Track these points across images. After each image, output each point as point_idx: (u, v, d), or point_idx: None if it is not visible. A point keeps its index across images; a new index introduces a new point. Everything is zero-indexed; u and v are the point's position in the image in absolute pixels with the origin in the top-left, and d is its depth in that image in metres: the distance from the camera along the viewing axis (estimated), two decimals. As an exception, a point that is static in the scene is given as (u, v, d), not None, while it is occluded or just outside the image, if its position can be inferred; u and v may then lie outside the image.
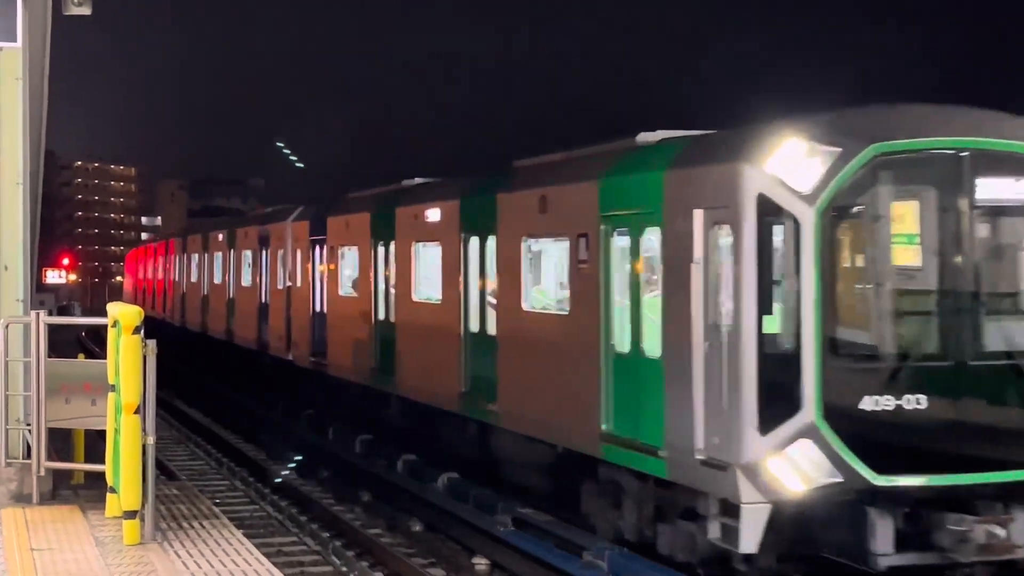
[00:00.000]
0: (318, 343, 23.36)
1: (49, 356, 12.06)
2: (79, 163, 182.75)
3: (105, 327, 11.51)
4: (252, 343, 28.71)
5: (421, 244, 18.71)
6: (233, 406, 28.96)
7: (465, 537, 15.46)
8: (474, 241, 16.67)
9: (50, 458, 12.24)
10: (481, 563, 14.48)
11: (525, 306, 15.22)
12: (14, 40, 12.41)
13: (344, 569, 14.53)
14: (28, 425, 12.17)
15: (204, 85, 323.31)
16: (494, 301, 16.14)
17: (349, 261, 22.15)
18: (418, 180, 21.05)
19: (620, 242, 13.14)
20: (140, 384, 10.50)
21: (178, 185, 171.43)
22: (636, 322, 12.72)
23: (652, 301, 12.48)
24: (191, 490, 13.58)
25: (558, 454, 14.47)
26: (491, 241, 16.17)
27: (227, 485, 20.35)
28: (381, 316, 20.04)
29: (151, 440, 10.66)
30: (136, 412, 10.51)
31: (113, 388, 10.94)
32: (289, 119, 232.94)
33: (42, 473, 12.06)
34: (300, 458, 21.65)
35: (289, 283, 25.69)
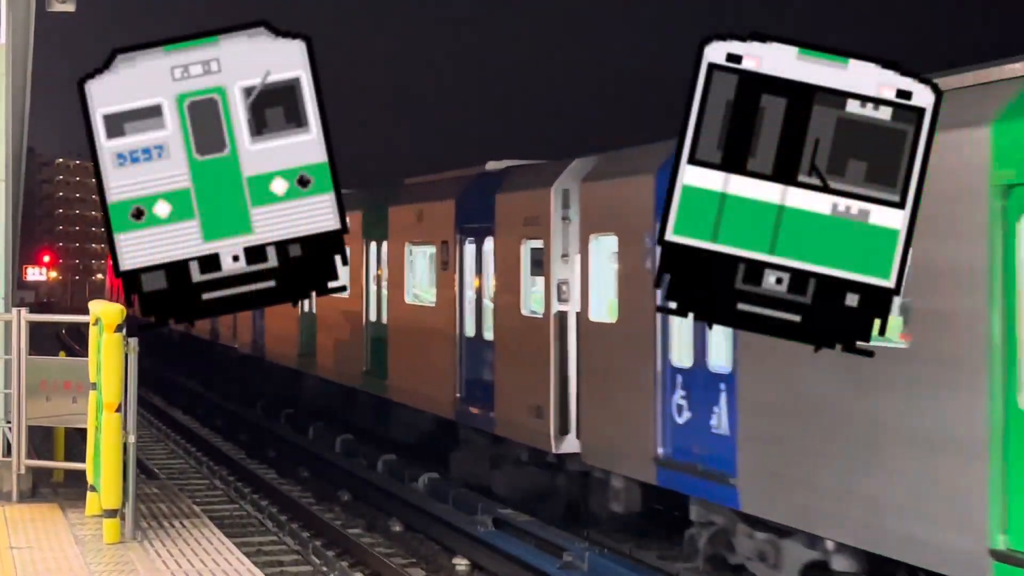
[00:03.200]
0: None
1: (30, 354, 12.04)
2: (60, 160, 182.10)
3: (86, 324, 11.51)
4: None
5: None
6: (210, 403, 28.95)
7: (445, 537, 15.48)
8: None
9: (30, 456, 12.21)
10: (461, 563, 14.51)
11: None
12: (-2, 37, 12.38)
13: (324, 569, 14.53)
14: (8, 423, 12.13)
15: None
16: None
17: None
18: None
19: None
20: (121, 382, 10.49)
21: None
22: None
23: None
24: (171, 489, 13.57)
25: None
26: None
27: (207, 484, 20.32)
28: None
29: (132, 439, 10.65)
30: (117, 410, 10.50)
31: (94, 386, 10.93)
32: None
33: (22, 471, 12.03)
34: (279, 456, 21.69)
35: None
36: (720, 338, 10.88)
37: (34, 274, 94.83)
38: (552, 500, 15.12)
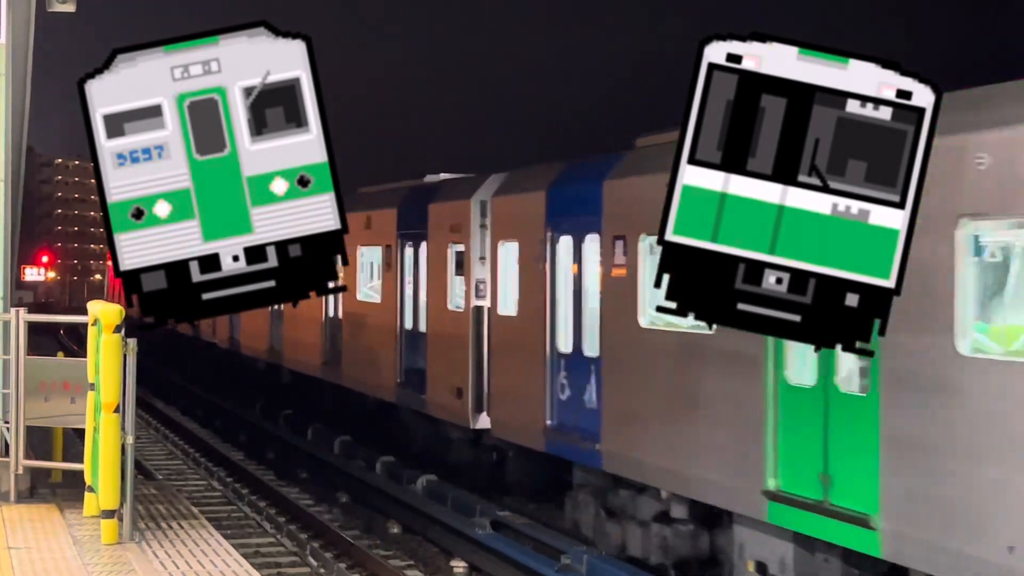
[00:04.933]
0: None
1: (28, 354, 12.03)
2: (59, 160, 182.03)
3: (85, 325, 11.50)
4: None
5: None
6: (209, 405, 28.95)
7: (443, 539, 15.49)
8: None
9: (28, 456, 12.20)
10: (459, 566, 14.51)
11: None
12: (-3, 37, 12.37)
13: (322, 570, 14.53)
14: (7, 423, 12.13)
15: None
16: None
17: None
18: None
19: (409, 252, 18.61)
20: (120, 383, 10.49)
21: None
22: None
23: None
24: (169, 490, 13.56)
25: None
26: None
27: (205, 485, 20.32)
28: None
29: (130, 439, 10.64)
30: (115, 411, 10.49)
31: (93, 387, 10.92)
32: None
33: (20, 471, 12.02)
34: (277, 458, 21.72)
35: None
36: (591, 331, 13.27)
37: (32, 274, 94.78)
38: (474, 471, 17.44)
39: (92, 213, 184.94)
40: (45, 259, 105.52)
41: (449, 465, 17.86)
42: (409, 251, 18.77)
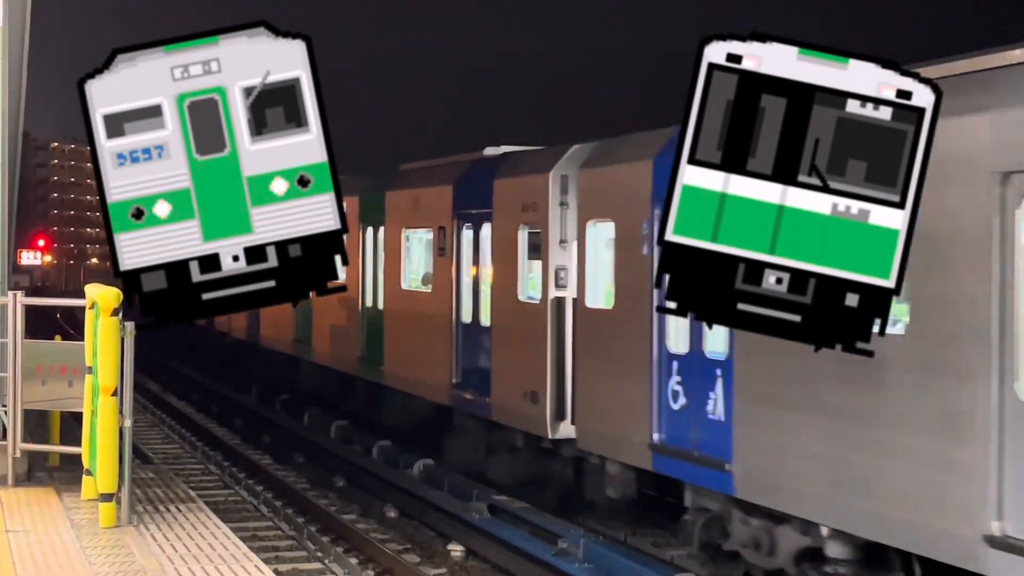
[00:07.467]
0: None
1: (25, 337, 12.03)
2: (55, 144, 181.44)
3: (82, 308, 11.51)
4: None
5: None
6: (206, 389, 28.95)
7: (440, 524, 15.52)
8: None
9: (26, 440, 12.22)
10: (456, 550, 14.55)
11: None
12: (-7, 20, 12.33)
13: (319, 554, 14.56)
14: (4, 406, 12.14)
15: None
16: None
17: None
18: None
19: (467, 234, 16.43)
20: (117, 366, 10.50)
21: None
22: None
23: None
24: (167, 474, 13.59)
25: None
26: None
27: (202, 469, 20.35)
28: None
29: (128, 423, 10.65)
30: (113, 395, 10.50)
31: (90, 370, 10.93)
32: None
33: (18, 455, 12.03)
34: (274, 443, 21.72)
35: None
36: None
37: (29, 258, 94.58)
38: (547, 486, 15.05)
39: (88, 197, 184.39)
40: (41, 243, 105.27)
41: (516, 477, 15.62)
42: (467, 233, 16.48)
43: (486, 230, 15.99)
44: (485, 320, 15.91)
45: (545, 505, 14.89)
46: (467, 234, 16.52)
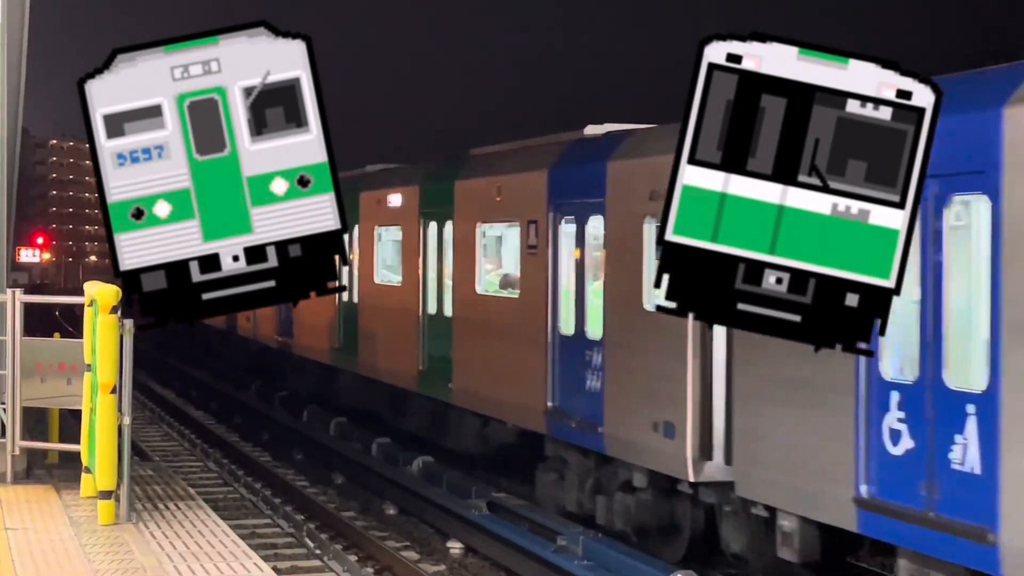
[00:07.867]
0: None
1: (24, 335, 12.04)
2: (54, 141, 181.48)
3: (80, 306, 11.51)
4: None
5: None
6: (205, 387, 28.95)
7: (439, 521, 15.53)
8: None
9: (24, 437, 12.22)
10: (455, 547, 14.55)
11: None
12: (-8, 17, 12.33)
13: (318, 551, 14.57)
14: (3, 404, 12.14)
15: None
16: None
17: None
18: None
19: (568, 228, 13.99)
20: (116, 364, 10.50)
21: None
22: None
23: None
24: (166, 471, 13.60)
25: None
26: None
27: (201, 466, 20.35)
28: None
29: (127, 420, 10.66)
30: (112, 392, 10.51)
31: (89, 368, 10.93)
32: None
33: (17, 452, 12.04)
34: (272, 439, 21.71)
35: None
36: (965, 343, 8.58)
37: (27, 255, 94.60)
38: (674, 535, 12.62)
39: (87, 195, 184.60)
40: (40, 240, 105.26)
41: (633, 523, 12.97)
42: (568, 228, 13.84)
43: (594, 223, 13.34)
44: (594, 333, 13.27)
45: (669, 557, 12.50)
46: (567, 228, 13.89)
